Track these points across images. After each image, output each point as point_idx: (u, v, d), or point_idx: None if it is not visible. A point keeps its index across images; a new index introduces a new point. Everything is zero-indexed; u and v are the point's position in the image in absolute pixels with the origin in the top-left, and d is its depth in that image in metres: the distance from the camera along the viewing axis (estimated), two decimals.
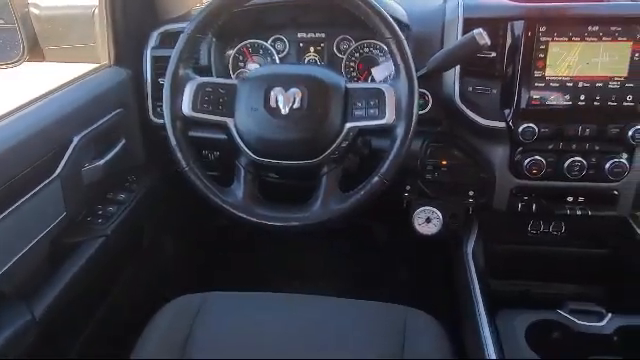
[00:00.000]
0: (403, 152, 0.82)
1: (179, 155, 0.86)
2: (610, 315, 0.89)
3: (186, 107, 0.86)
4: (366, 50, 1.13)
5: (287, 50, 1.16)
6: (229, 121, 0.87)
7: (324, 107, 0.83)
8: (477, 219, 1.12)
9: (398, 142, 0.82)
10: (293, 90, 0.83)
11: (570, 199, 1.02)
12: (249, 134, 0.85)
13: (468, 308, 0.91)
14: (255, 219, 0.84)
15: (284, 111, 0.83)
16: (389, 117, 0.82)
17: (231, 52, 1.16)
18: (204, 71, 1.10)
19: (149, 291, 1.20)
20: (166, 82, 0.86)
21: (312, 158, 0.85)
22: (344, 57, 1.14)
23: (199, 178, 0.86)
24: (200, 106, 0.86)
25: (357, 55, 1.14)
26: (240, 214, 0.84)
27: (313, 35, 1.15)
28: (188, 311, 0.92)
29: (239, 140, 0.86)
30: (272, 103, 0.83)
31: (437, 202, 1.07)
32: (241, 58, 1.17)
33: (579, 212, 1.02)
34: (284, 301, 0.98)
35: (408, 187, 1.09)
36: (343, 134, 0.84)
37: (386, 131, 0.83)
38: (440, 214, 1.06)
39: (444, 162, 1.06)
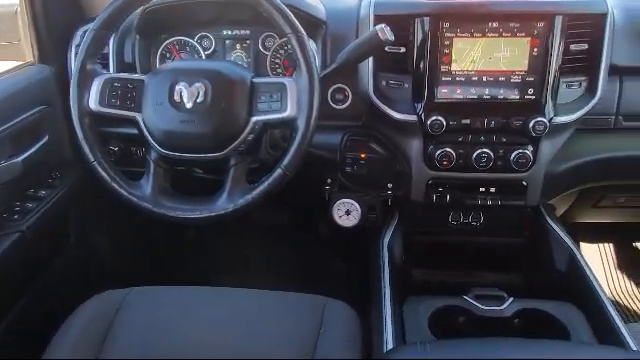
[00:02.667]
0: (304, 144, 0.84)
1: (87, 149, 0.87)
2: (511, 299, 0.93)
3: (93, 102, 0.87)
4: (288, 47, 1.16)
5: (213, 47, 1.17)
6: (138, 116, 0.88)
7: (228, 101, 0.85)
8: (397, 211, 1.15)
9: (299, 135, 0.84)
10: (197, 84, 0.85)
11: (482, 190, 1.06)
12: (156, 128, 0.87)
13: (376, 295, 0.93)
14: (160, 210, 0.86)
15: (188, 105, 0.84)
16: (291, 111, 0.84)
17: (157, 49, 1.17)
18: (128, 68, 1.12)
19: (76, 288, 1.20)
20: (73, 78, 0.88)
21: (218, 151, 0.87)
22: (269, 54, 1.16)
23: (106, 171, 0.87)
24: (108, 101, 0.88)
25: (282, 52, 1.16)
26: (145, 205, 0.86)
27: (238, 32, 1.17)
28: (109, 307, 0.93)
29: (147, 134, 0.88)
30: (176, 97, 0.85)
31: (356, 195, 1.10)
32: (168, 55, 1.18)
33: (490, 202, 1.06)
34: (207, 294, 0.99)
35: (329, 180, 1.11)
36: (249, 127, 0.86)
37: (288, 124, 0.85)
38: (359, 206, 1.09)
39: (363, 155, 1.08)
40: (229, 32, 1.17)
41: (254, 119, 0.86)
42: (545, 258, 1.07)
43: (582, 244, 1.75)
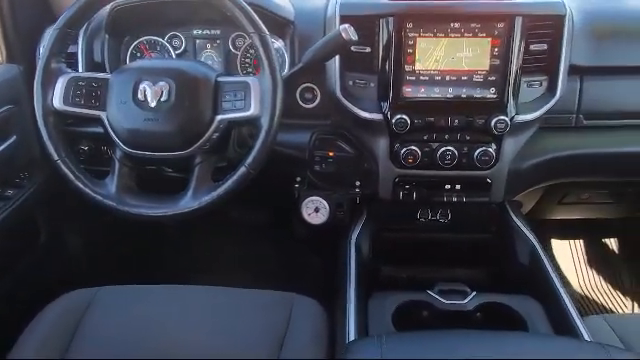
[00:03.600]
0: (268, 142, 0.85)
1: (51, 148, 0.87)
2: (474, 294, 0.96)
3: (57, 101, 0.87)
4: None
5: (184, 47, 1.18)
6: (102, 115, 0.89)
7: (192, 100, 0.86)
8: (366, 208, 1.17)
9: (263, 133, 0.85)
10: (161, 83, 0.86)
11: (448, 187, 1.08)
12: (120, 127, 0.87)
13: (341, 291, 0.95)
14: (123, 208, 0.87)
15: (152, 104, 0.85)
16: (254, 109, 0.85)
17: (128, 49, 1.18)
18: (98, 68, 1.12)
19: (46, 288, 1.20)
20: (37, 76, 0.88)
21: (183, 149, 0.87)
22: (239, 53, 1.17)
23: (70, 170, 0.87)
24: (72, 100, 0.88)
25: (252, 52, 1.17)
26: (109, 203, 0.87)
27: (208, 32, 1.17)
28: (77, 306, 0.93)
29: (112, 133, 0.88)
30: (140, 96, 0.86)
31: (325, 193, 1.12)
32: (139, 55, 1.19)
33: (455, 199, 1.08)
34: (176, 293, 1.00)
35: (298, 179, 1.13)
36: (214, 126, 0.87)
37: (252, 123, 0.87)
38: (327, 204, 1.11)
39: (331, 154, 1.10)
40: (199, 32, 1.17)
41: (219, 118, 0.87)
42: (509, 253, 1.10)
43: (553, 240, 1.78)
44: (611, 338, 0.86)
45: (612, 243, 1.79)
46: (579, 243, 1.79)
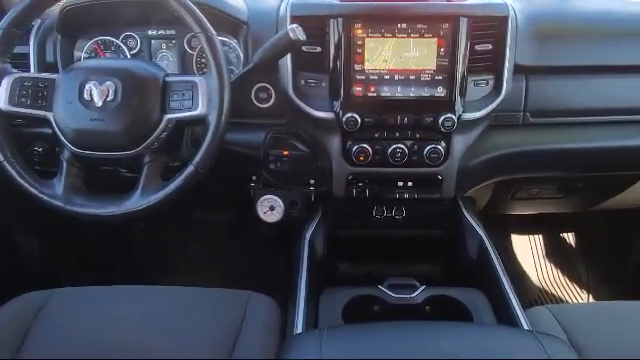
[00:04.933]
0: (216, 141, 0.86)
1: None
2: (423, 287, 0.98)
3: (2, 102, 0.87)
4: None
5: (139, 47, 1.17)
6: (49, 115, 0.88)
7: (139, 99, 0.87)
8: (322, 206, 1.18)
9: (210, 132, 0.86)
10: (107, 83, 0.86)
11: (400, 184, 1.11)
12: (67, 127, 0.87)
13: (294, 288, 0.96)
14: (71, 208, 0.87)
15: (98, 104, 0.85)
16: (201, 108, 0.86)
17: (82, 49, 1.17)
18: (50, 68, 1.11)
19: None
20: None
21: (130, 149, 0.88)
22: (195, 53, 1.17)
23: (16, 170, 0.87)
24: (18, 100, 0.88)
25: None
26: (56, 203, 0.86)
27: (164, 32, 1.17)
28: (28, 309, 0.92)
29: (59, 133, 0.88)
30: (86, 96, 0.86)
31: (280, 191, 1.13)
32: (94, 55, 1.18)
33: (407, 195, 1.10)
34: (131, 294, 0.99)
35: (254, 177, 1.14)
36: (162, 125, 0.88)
37: (200, 121, 0.87)
38: (281, 202, 1.12)
39: (286, 153, 1.11)
40: (154, 32, 1.17)
41: (167, 117, 0.88)
42: (460, 248, 1.13)
43: (513, 236, 1.83)
44: (553, 327, 0.89)
45: (569, 238, 1.85)
46: (538, 238, 1.84)
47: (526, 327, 0.85)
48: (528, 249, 1.83)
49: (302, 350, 0.68)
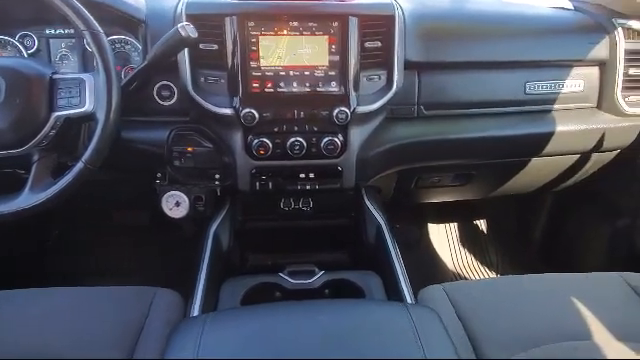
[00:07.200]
0: (105, 137, 0.87)
1: None
2: (321, 272, 1.03)
3: None
4: (118, 46, 1.17)
5: (36, 46, 1.16)
6: None
7: (24, 97, 0.86)
8: (229, 200, 1.21)
9: (99, 129, 0.87)
10: None
11: (302, 176, 1.15)
12: None
13: (195, 280, 0.99)
14: None
15: None
16: (89, 105, 0.87)
17: None
18: None
19: None
20: None
21: (17, 147, 0.87)
22: None
23: None
24: None
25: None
26: None
27: (62, 31, 1.16)
28: None
29: None
30: None
31: (185, 187, 1.15)
32: None
33: (309, 187, 1.15)
34: (35, 295, 0.98)
35: (159, 174, 1.15)
36: (50, 123, 0.88)
37: (89, 118, 0.88)
38: (186, 198, 1.14)
39: (190, 149, 1.13)
40: (52, 31, 1.16)
41: (55, 115, 0.88)
42: (361, 235, 1.19)
43: (430, 225, 1.93)
44: (443, 302, 0.96)
45: (481, 224, 1.97)
46: (454, 226, 1.96)
47: (410, 302, 0.92)
48: (444, 236, 1.94)
49: (183, 334, 0.71)
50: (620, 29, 1.24)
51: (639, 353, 0.84)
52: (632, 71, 1.24)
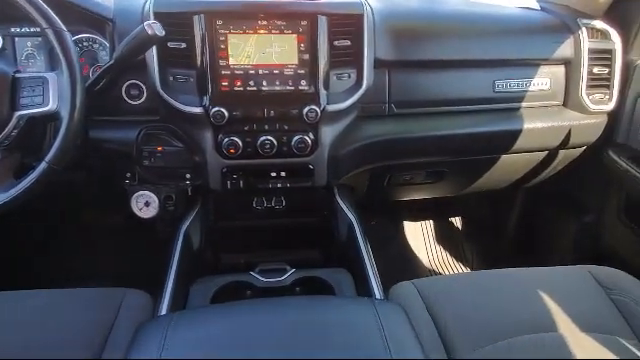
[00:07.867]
0: (69, 136, 0.86)
1: None
2: (293, 270, 1.03)
3: None
4: (85, 44, 1.16)
5: (1, 45, 1.13)
6: None
7: None
8: (201, 199, 1.20)
9: (63, 128, 0.86)
10: None
11: (274, 174, 1.15)
12: None
13: (164, 280, 0.98)
14: None
15: None
16: (52, 104, 0.86)
17: None
18: None
19: None
20: None
21: None
22: None
23: None
24: None
25: (77, 49, 1.15)
26: None
27: (27, 29, 1.14)
28: None
29: None
30: None
31: (155, 187, 1.14)
32: None
33: (280, 185, 1.15)
34: (4, 298, 0.96)
35: (128, 174, 1.14)
36: (12, 123, 0.86)
37: (53, 117, 0.87)
38: (156, 197, 1.13)
39: (160, 148, 1.12)
40: (17, 29, 1.14)
41: (17, 114, 0.87)
42: (333, 232, 1.19)
43: (406, 222, 1.95)
44: (414, 298, 0.97)
45: (456, 221, 2.00)
46: (429, 224, 1.98)
47: (379, 298, 0.93)
48: (420, 233, 1.95)
49: (148, 334, 0.70)
50: (584, 29, 1.27)
51: (603, 343, 0.87)
52: (596, 70, 1.27)
